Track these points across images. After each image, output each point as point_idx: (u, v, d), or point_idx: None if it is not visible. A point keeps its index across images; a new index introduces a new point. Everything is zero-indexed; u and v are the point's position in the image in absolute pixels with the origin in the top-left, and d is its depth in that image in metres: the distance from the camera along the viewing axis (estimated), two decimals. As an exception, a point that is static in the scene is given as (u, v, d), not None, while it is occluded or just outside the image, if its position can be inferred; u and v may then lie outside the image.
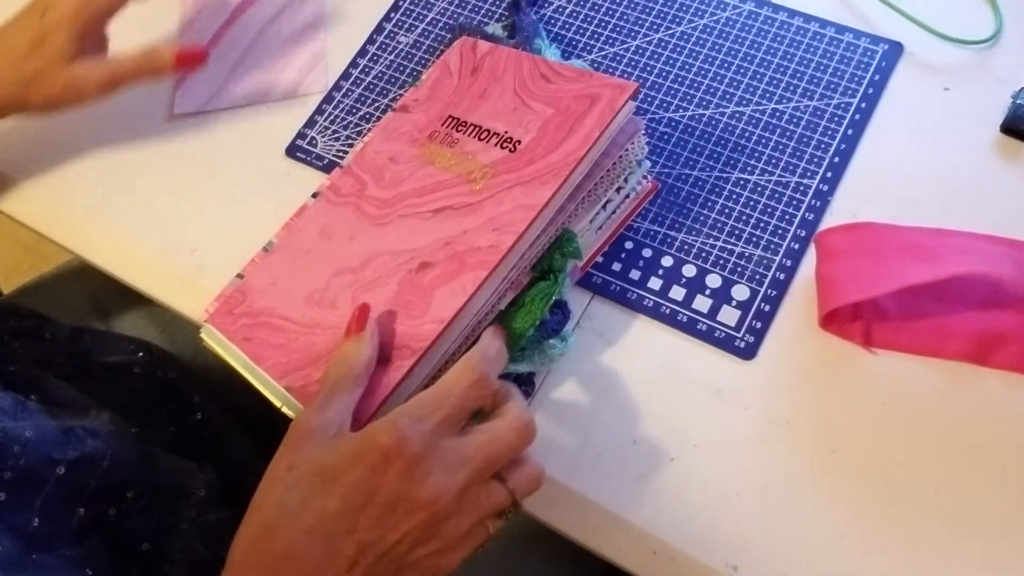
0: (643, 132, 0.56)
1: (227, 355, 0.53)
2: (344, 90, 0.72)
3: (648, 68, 0.67)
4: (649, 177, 0.60)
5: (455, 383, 0.44)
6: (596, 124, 0.52)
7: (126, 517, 0.50)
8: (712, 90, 0.66)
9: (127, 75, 0.61)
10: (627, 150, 0.55)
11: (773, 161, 0.62)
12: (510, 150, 0.53)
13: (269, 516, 0.41)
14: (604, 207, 0.57)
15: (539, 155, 0.52)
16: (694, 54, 0.67)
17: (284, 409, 0.49)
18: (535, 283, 0.53)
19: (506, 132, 0.54)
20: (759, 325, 0.56)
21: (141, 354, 0.63)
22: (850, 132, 0.62)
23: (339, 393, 0.44)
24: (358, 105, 0.71)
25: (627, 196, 0.59)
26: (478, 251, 0.50)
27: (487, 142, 0.54)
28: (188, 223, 0.67)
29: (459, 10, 0.73)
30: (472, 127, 0.55)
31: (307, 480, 0.41)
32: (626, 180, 0.57)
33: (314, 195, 0.58)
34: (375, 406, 0.46)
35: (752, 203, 0.61)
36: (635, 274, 0.59)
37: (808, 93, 0.64)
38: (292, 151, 0.69)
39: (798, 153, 0.62)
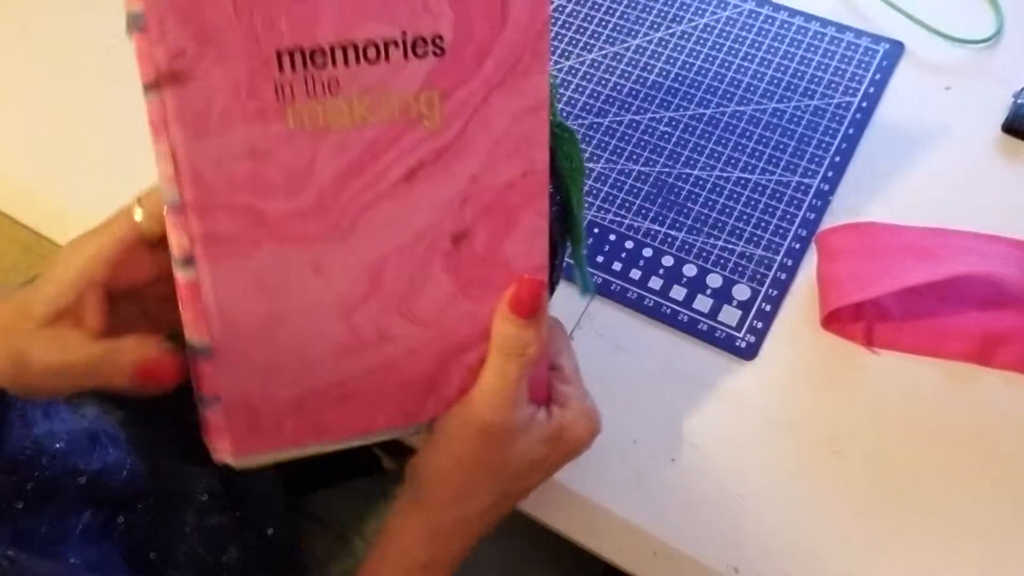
0: None
1: (297, 454, 0.43)
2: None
3: (648, 67, 0.67)
4: None
5: (575, 357, 0.48)
6: None
7: (134, 526, 0.50)
8: (713, 89, 0.65)
9: (76, 375, 0.41)
10: None
11: (774, 161, 0.62)
12: (435, 54, 0.37)
13: (488, 500, 0.45)
14: None
15: (487, 41, 0.37)
16: (695, 53, 0.67)
17: (420, 431, 0.45)
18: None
19: (405, 33, 0.36)
20: (760, 325, 0.56)
21: None
22: (851, 131, 0.62)
23: (524, 387, 0.44)
24: (358, 105, 0.71)
25: None
26: (512, 187, 0.40)
27: (387, 60, 0.36)
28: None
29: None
30: (340, 51, 0.36)
31: (523, 475, 0.45)
32: None
33: (185, 262, 0.38)
34: (545, 369, 0.45)
35: (753, 203, 0.60)
36: (635, 274, 0.59)
37: (809, 92, 0.64)
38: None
39: (799, 152, 0.62)
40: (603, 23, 0.70)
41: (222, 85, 0.35)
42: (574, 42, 0.70)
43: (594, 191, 0.63)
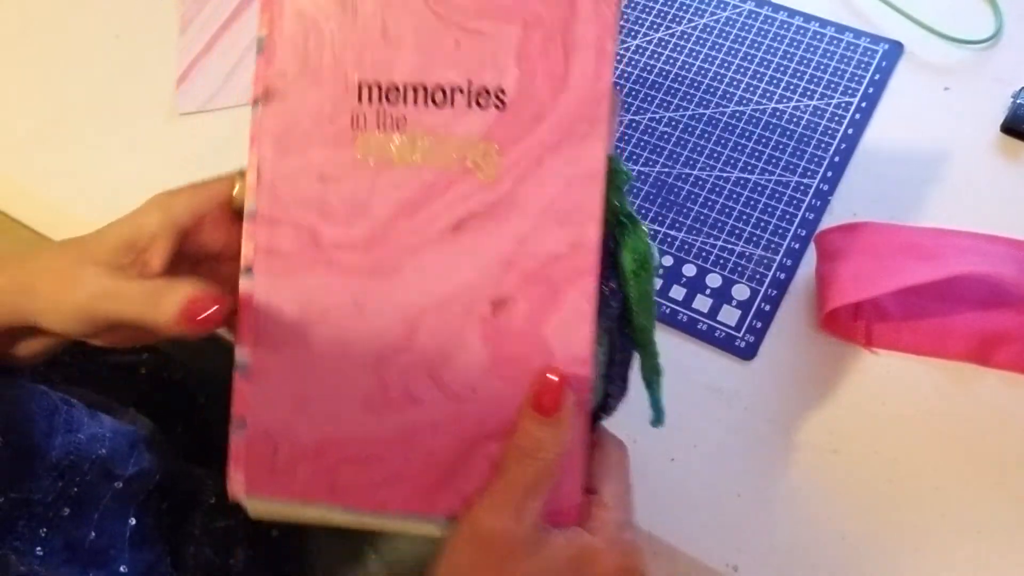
0: None
1: (305, 516, 0.42)
2: (344, 90, 0.72)
3: (648, 67, 0.67)
4: None
5: (625, 483, 0.41)
6: (602, 30, 0.38)
7: (156, 528, 0.50)
8: (712, 89, 0.65)
9: (122, 308, 0.41)
10: None
11: (773, 161, 0.62)
12: (497, 107, 0.39)
13: None
14: None
15: (547, 101, 0.39)
16: (694, 53, 0.67)
17: (440, 533, 0.41)
18: (611, 246, 0.41)
19: (471, 82, 0.39)
20: (759, 325, 0.56)
21: (147, 355, 0.63)
22: (850, 131, 0.62)
23: (535, 497, 0.38)
24: (358, 105, 0.71)
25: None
26: (559, 259, 0.39)
27: (452, 106, 0.39)
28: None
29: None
30: (411, 90, 0.39)
31: None
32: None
33: (247, 271, 0.40)
34: (577, 490, 0.40)
35: (752, 202, 0.61)
36: (635, 274, 0.59)
37: (808, 93, 0.64)
38: (292, 151, 0.69)
39: (798, 152, 0.62)
40: (603, 23, 0.70)
41: (309, 108, 0.40)
42: (574, 42, 0.70)
43: (594, 191, 0.63)
